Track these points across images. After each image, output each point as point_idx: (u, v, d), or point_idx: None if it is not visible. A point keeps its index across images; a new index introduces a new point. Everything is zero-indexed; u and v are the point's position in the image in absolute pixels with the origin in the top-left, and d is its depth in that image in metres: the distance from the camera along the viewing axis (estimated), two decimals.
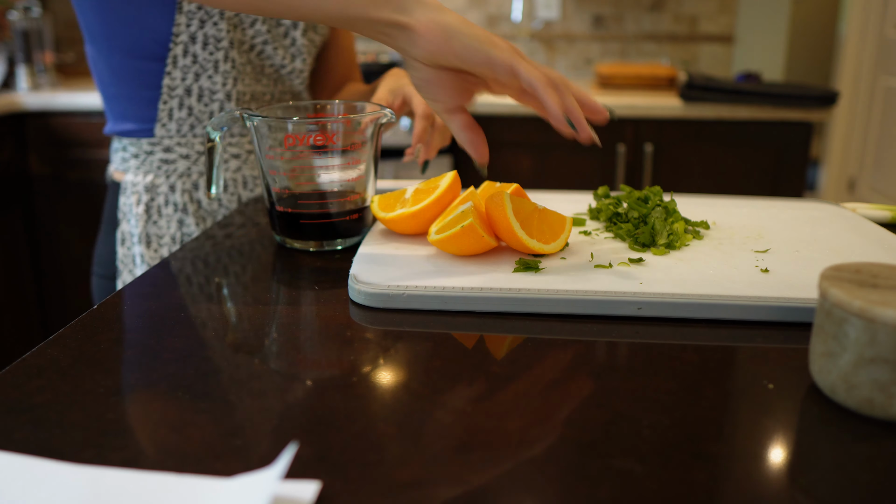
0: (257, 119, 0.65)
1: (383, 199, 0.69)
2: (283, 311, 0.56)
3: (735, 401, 0.44)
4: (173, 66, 0.87)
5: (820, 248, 0.65)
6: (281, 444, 0.38)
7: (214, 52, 0.87)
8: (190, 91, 0.89)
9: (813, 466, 0.36)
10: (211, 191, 0.72)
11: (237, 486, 0.33)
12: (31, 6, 2.11)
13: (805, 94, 1.80)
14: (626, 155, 1.89)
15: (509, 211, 0.59)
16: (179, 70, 0.88)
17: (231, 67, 0.88)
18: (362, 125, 0.66)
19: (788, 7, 2.43)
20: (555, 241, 0.61)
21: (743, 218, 0.75)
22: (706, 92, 1.82)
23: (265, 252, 0.70)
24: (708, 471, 0.36)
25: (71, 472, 0.35)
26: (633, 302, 0.53)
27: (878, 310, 0.39)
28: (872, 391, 0.40)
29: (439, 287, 0.55)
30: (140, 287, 0.60)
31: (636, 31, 2.42)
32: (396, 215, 0.66)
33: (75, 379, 0.44)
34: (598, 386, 0.44)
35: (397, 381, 0.45)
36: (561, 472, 0.36)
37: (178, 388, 0.44)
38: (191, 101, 0.90)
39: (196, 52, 0.87)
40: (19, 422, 0.40)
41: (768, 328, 0.52)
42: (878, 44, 3.17)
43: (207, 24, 0.86)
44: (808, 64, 4.41)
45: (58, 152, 2.01)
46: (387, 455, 0.37)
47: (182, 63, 0.87)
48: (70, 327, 0.52)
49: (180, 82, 0.89)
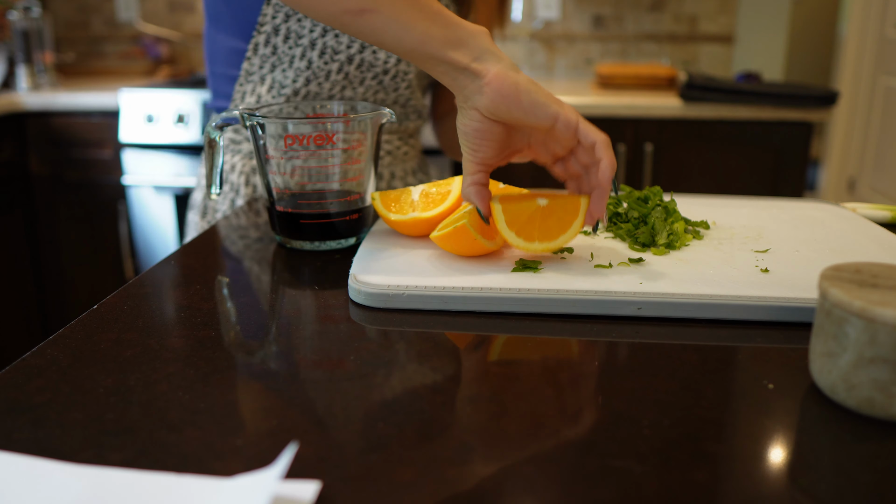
0: (257, 119, 0.65)
1: (384, 197, 0.68)
2: (283, 311, 0.56)
3: (735, 401, 0.44)
4: (254, 52, 0.90)
5: (820, 248, 0.65)
6: (281, 444, 0.38)
7: (294, 47, 0.88)
8: (263, 79, 0.92)
9: (813, 466, 0.36)
10: (212, 191, 0.72)
11: (237, 486, 0.33)
12: (31, 6, 2.11)
13: (805, 94, 1.80)
14: (626, 155, 1.89)
15: (501, 224, 0.59)
16: (258, 58, 0.90)
17: (306, 67, 0.89)
18: (362, 125, 0.66)
19: (788, 7, 2.43)
20: (563, 235, 0.59)
21: (743, 218, 0.75)
22: (706, 92, 1.82)
23: (265, 252, 0.70)
24: (708, 471, 0.36)
25: (71, 472, 0.35)
26: (633, 302, 0.53)
27: (878, 310, 0.39)
28: (872, 391, 0.40)
29: (439, 287, 0.55)
30: (140, 287, 0.60)
31: (636, 31, 2.42)
32: (409, 219, 0.66)
33: (75, 379, 0.44)
34: (598, 386, 0.44)
35: (397, 381, 0.45)
36: (561, 472, 0.36)
37: (178, 388, 0.44)
38: (262, 89, 0.92)
39: (277, 43, 0.88)
40: (19, 422, 0.40)
41: (768, 328, 0.52)
42: (878, 44, 3.17)
43: (292, 19, 0.87)
44: (808, 64, 4.41)
45: (58, 152, 2.01)
46: (387, 455, 0.37)
47: (262, 52, 0.89)
48: (70, 327, 0.52)
49: (257, 69, 0.91)
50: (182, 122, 1.87)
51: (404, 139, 0.99)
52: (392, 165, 0.98)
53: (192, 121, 1.87)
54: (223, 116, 0.68)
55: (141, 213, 1.98)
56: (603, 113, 1.84)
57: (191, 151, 1.90)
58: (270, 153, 0.66)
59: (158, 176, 1.92)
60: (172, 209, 1.95)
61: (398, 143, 0.99)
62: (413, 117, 0.98)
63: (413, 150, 1.02)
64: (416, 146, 1.03)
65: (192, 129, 1.87)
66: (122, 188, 1.98)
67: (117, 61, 2.49)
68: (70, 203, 2.04)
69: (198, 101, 1.87)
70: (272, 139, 0.65)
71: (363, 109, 0.71)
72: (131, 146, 1.92)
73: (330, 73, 0.88)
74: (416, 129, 1.02)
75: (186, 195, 1.94)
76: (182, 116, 1.87)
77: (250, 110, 0.67)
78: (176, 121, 1.87)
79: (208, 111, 1.86)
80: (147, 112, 1.88)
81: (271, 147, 0.66)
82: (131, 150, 1.93)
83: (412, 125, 0.99)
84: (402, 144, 0.99)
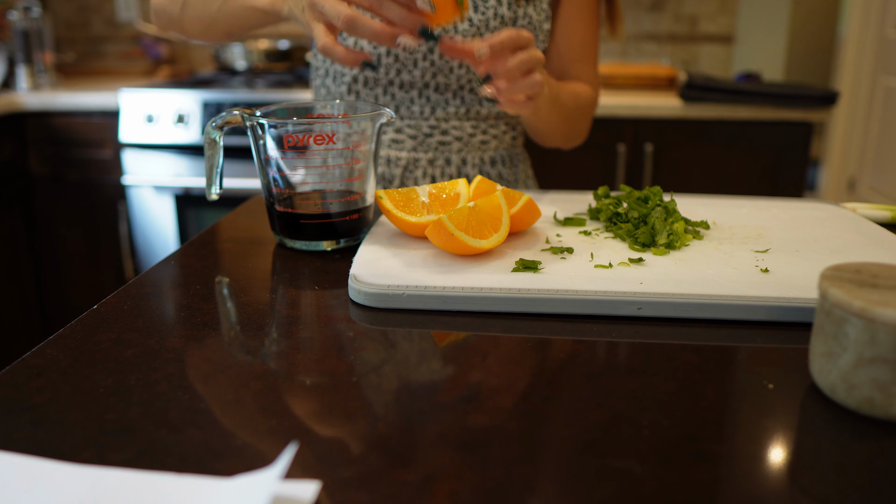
0: (257, 119, 0.65)
1: (391, 196, 0.68)
2: (283, 311, 0.56)
3: (735, 401, 0.44)
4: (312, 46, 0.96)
5: (820, 248, 0.65)
6: (281, 444, 0.38)
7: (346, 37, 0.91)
8: (328, 71, 0.97)
9: (813, 466, 0.36)
10: (211, 191, 0.72)
11: (237, 486, 0.33)
12: (31, 6, 2.11)
13: (805, 94, 1.80)
14: (626, 155, 1.89)
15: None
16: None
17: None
18: (362, 125, 0.66)
19: (788, 7, 2.43)
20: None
21: (743, 218, 0.75)
22: (706, 92, 1.82)
23: (265, 252, 0.70)
24: (708, 471, 0.36)
25: (71, 472, 0.35)
26: (633, 302, 0.53)
27: (878, 310, 0.39)
28: (872, 391, 0.40)
29: (439, 287, 0.55)
30: (140, 287, 0.60)
31: (636, 31, 2.42)
32: (422, 221, 0.66)
33: (75, 379, 0.44)
34: (598, 386, 0.44)
35: (397, 381, 0.45)
36: (561, 472, 0.36)
37: (178, 388, 0.44)
38: (328, 80, 0.97)
39: None
40: (19, 422, 0.40)
41: (768, 328, 0.52)
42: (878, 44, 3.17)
43: None
44: (808, 64, 4.41)
45: (58, 152, 2.01)
46: (387, 455, 0.37)
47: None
48: (70, 327, 0.52)
49: (321, 63, 0.98)
50: (182, 122, 1.87)
51: (478, 125, 0.97)
52: (463, 152, 0.97)
53: (192, 121, 1.87)
54: (223, 116, 0.68)
55: (141, 213, 1.98)
56: (603, 113, 1.84)
57: (191, 151, 1.90)
58: (270, 153, 0.66)
59: (158, 176, 1.92)
60: (172, 209, 1.95)
61: (471, 129, 0.96)
62: (487, 104, 0.96)
63: (495, 140, 0.99)
64: (500, 136, 1.00)
65: (192, 129, 1.87)
66: (122, 188, 1.98)
67: (117, 61, 2.49)
68: (70, 203, 2.04)
69: (198, 101, 1.87)
70: (272, 139, 0.65)
71: (363, 109, 0.71)
72: (131, 146, 1.92)
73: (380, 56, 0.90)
74: (497, 116, 0.99)
75: (186, 195, 1.94)
76: (182, 116, 1.87)
77: (250, 110, 0.67)
78: (176, 121, 1.88)
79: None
80: (147, 112, 1.88)
81: (271, 147, 0.66)
82: (131, 150, 1.93)
83: (484, 110, 0.96)
84: (475, 132, 0.97)
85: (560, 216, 0.74)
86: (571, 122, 0.95)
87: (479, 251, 0.61)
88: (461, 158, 0.97)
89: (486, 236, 0.61)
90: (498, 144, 1.00)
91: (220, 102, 1.87)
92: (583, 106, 0.96)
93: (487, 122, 0.97)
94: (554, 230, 0.70)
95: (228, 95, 1.87)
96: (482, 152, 0.98)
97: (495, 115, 0.98)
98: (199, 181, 1.90)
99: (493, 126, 0.98)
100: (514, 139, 1.02)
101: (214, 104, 1.87)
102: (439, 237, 0.60)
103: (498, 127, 0.99)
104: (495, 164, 1.00)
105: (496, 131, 0.99)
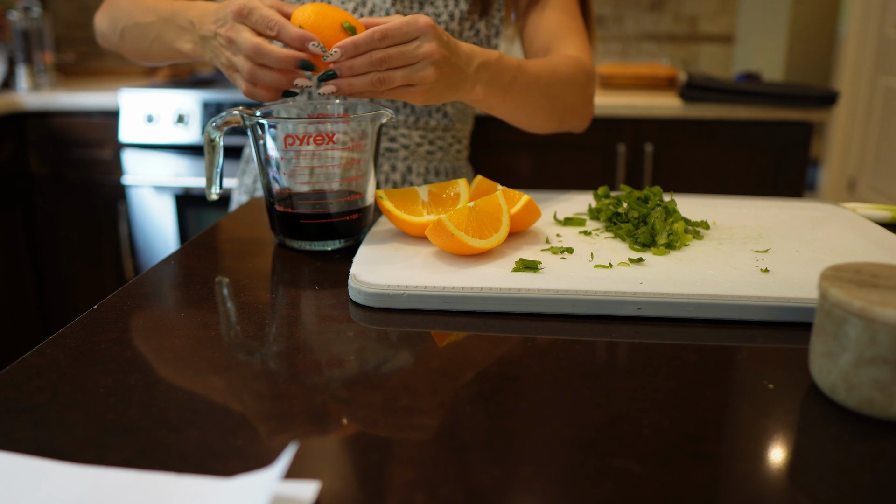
0: (257, 119, 0.65)
1: (391, 196, 0.68)
2: (283, 311, 0.56)
3: (735, 401, 0.44)
4: None
5: (820, 248, 0.65)
6: (281, 444, 0.38)
7: None
8: None
9: (813, 466, 0.36)
10: (211, 191, 0.72)
11: (237, 486, 0.33)
12: (31, 6, 2.11)
13: (805, 94, 1.80)
14: (626, 155, 1.89)
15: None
16: None
17: None
18: (362, 125, 0.66)
19: (788, 7, 2.43)
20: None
21: (743, 218, 0.75)
22: (706, 92, 1.82)
23: (265, 252, 0.70)
24: (708, 471, 0.36)
25: (71, 472, 0.35)
26: (633, 302, 0.53)
27: (878, 310, 0.39)
28: (872, 391, 0.40)
29: (439, 287, 0.55)
30: (140, 287, 0.60)
31: (636, 31, 2.42)
32: (422, 221, 0.66)
33: (75, 379, 0.44)
34: (598, 386, 0.44)
35: (397, 381, 0.45)
36: (561, 472, 0.36)
37: (179, 387, 0.44)
38: None
39: None
40: (19, 422, 0.40)
41: (768, 328, 0.52)
42: (878, 44, 3.17)
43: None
44: (808, 64, 4.41)
45: (58, 152, 2.01)
46: (387, 455, 0.37)
47: None
48: (70, 327, 0.52)
49: None
50: (182, 122, 1.87)
51: (426, 135, 0.97)
52: (409, 160, 0.97)
53: (192, 121, 1.87)
54: (223, 116, 0.68)
55: (141, 213, 1.98)
56: (603, 113, 1.84)
57: (191, 151, 1.90)
58: (270, 153, 0.66)
59: (158, 176, 1.92)
60: (172, 209, 1.95)
61: (419, 139, 0.97)
62: (436, 115, 0.97)
63: (441, 151, 0.99)
64: (446, 148, 1.00)
65: (192, 129, 1.87)
66: (122, 188, 1.98)
67: (117, 61, 2.48)
68: (70, 203, 2.04)
69: (198, 101, 1.87)
70: (272, 139, 0.65)
71: (363, 109, 0.71)
72: (131, 146, 1.92)
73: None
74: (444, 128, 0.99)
75: (186, 195, 1.94)
76: (182, 116, 1.87)
77: (250, 110, 0.67)
78: (176, 121, 1.87)
79: (214, 108, 1.86)
80: (147, 112, 1.88)
81: (271, 147, 0.66)
82: (131, 150, 1.93)
83: (433, 122, 0.97)
84: (423, 142, 0.97)
85: (560, 216, 0.74)
86: (552, 98, 0.86)
87: (480, 251, 0.61)
88: (406, 166, 0.97)
89: (486, 236, 0.61)
90: (443, 156, 1.00)
91: (220, 102, 1.86)
92: (563, 75, 0.86)
93: (435, 132, 0.98)
94: (554, 230, 0.70)
95: (228, 95, 1.87)
96: (428, 162, 0.99)
97: (443, 127, 0.99)
98: (199, 181, 1.90)
99: (441, 138, 0.99)
100: (458, 152, 1.03)
101: (214, 104, 1.87)
102: (439, 237, 0.60)
103: (445, 139, 1.00)
104: (439, 174, 1.00)
105: (443, 143, 1.00)
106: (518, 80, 0.79)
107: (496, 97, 0.78)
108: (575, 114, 0.91)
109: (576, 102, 0.90)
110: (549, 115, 0.88)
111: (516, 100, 0.81)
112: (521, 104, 0.83)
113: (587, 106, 0.93)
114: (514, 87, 0.79)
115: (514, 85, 0.79)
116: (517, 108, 0.84)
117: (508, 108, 0.83)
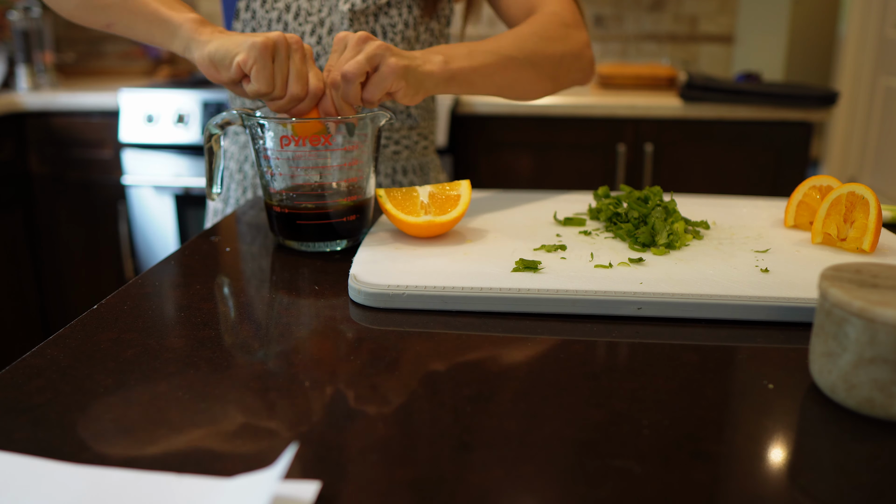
0: (256, 119, 0.65)
1: (391, 196, 0.68)
2: (283, 311, 0.56)
3: (735, 401, 0.44)
4: (236, 18, 0.92)
5: (820, 248, 0.65)
6: (281, 444, 0.38)
7: (270, 11, 0.90)
8: None
9: (813, 466, 0.36)
10: (212, 191, 0.72)
11: (237, 486, 0.33)
12: (31, 6, 2.11)
13: (805, 94, 1.80)
14: (626, 155, 1.89)
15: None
16: (241, 22, 0.92)
17: (283, 30, 0.90)
18: (361, 125, 0.66)
19: (788, 7, 2.43)
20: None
21: (743, 218, 0.75)
22: (706, 92, 1.82)
23: (265, 252, 0.70)
24: (708, 471, 0.36)
25: (71, 472, 0.35)
26: (633, 302, 0.53)
27: (878, 310, 0.39)
28: (872, 391, 0.40)
29: (439, 287, 0.55)
30: (140, 287, 0.60)
31: (636, 31, 2.42)
32: (423, 221, 0.66)
33: (75, 379, 0.44)
34: (598, 386, 0.44)
35: (397, 381, 0.45)
36: (561, 472, 0.36)
37: (179, 388, 0.44)
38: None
39: (255, 7, 0.91)
40: (19, 422, 0.40)
41: (768, 328, 0.52)
42: (878, 44, 3.17)
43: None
44: (808, 64, 4.41)
45: (58, 152, 2.01)
46: (387, 455, 0.37)
47: (243, 16, 0.91)
48: (70, 327, 0.52)
49: None
50: (182, 122, 1.87)
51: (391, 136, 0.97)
52: None
53: (192, 121, 1.87)
54: (223, 116, 0.68)
55: (141, 213, 1.98)
56: (603, 113, 1.84)
57: (191, 151, 1.90)
58: (269, 153, 0.66)
59: (158, 176, 1.92)
60: (172, 209, 1.95)
61: (384, 141, 0.96)
62: (401, 116, 0.97)
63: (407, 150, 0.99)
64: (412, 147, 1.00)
65: (192, 129, 1.87)
66: (122, 188, 1.98)
67: (117, 61, 2.49)
68: (70, 203, 2.04)
69: (198, 101, 1.87)
70: (271, 139, 0.65)
71: (362, 110, 0.71)
72: (131, 146, 1.92)
73: (304, 34, 0.89)
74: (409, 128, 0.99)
75: (186, 195, 1.94)
76: (182, 116, 1.87)
77: (249, 111, 0.67)
78: (176, 121, 1.87)
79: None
80: (147, 112, 1.88)
81: (270, 147, 0.66)
82: (131, 150, 1.93)
83: (397, 124, 0.97)
84: (388, 143, 0.97)
85: (560, 216, 0.74)
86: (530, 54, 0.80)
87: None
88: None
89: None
90: (410, 154, 1.00)
91: (220, 102, 1.86)
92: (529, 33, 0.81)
93: (400, 132, 0.98)
94: (554, 230, 0.70)
95: (228, 95, 1.87)
96: (394, 162, 0.99)
97: (408, 126, 0.99)
98: (199, 181, 1.90)
99: (406, 137, 0.99)
100: (425, 148, 1.03)
101: (214, 104, 1.87)
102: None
103: (410, 138, 1.00)
104: (406, 173, 1.00)
105: (408, 142, 1.00)
106: (476, 49, 0.75)
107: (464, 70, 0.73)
108: (568, 67, 0.85)
109: (561, 55, 0.83)
110: (535, 76, 0.81)
111: (488, 68, 0.76)
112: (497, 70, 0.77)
113: (580, 57, 0.86)
114: (476, 55, 0.75)
115: (474, 55, 0.75)
116: (495, 75, 0.77)
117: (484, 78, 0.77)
